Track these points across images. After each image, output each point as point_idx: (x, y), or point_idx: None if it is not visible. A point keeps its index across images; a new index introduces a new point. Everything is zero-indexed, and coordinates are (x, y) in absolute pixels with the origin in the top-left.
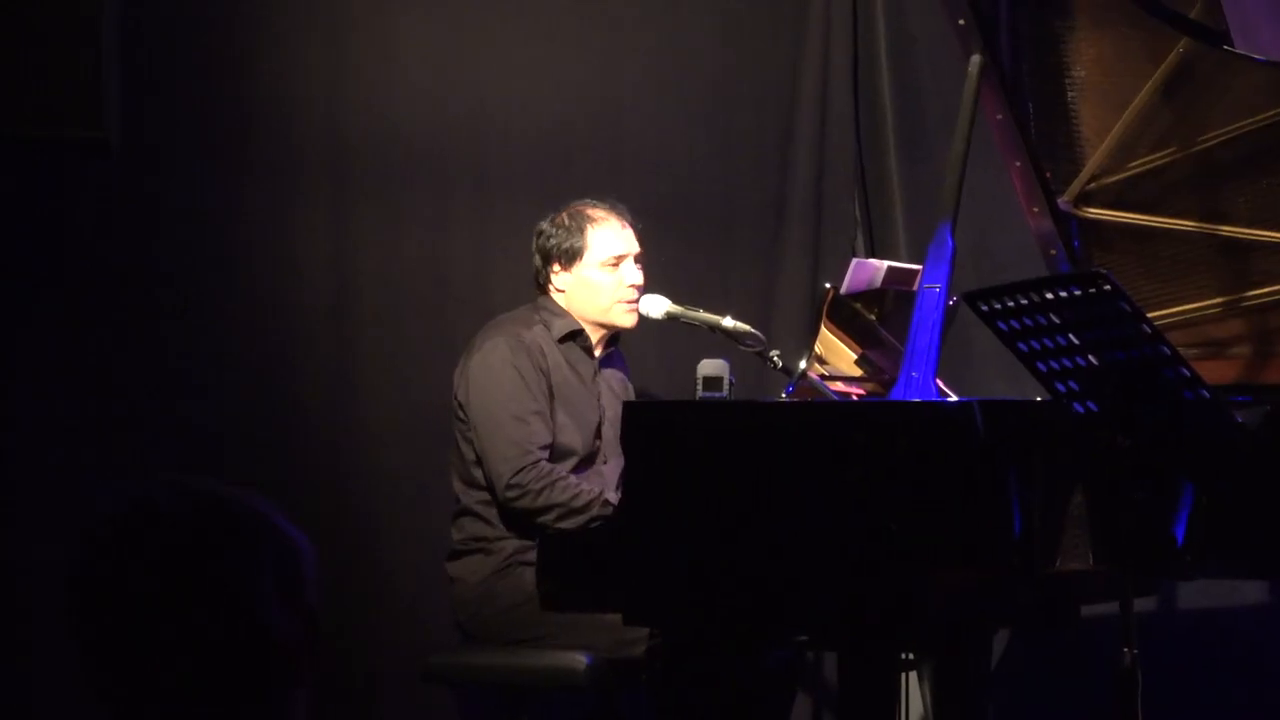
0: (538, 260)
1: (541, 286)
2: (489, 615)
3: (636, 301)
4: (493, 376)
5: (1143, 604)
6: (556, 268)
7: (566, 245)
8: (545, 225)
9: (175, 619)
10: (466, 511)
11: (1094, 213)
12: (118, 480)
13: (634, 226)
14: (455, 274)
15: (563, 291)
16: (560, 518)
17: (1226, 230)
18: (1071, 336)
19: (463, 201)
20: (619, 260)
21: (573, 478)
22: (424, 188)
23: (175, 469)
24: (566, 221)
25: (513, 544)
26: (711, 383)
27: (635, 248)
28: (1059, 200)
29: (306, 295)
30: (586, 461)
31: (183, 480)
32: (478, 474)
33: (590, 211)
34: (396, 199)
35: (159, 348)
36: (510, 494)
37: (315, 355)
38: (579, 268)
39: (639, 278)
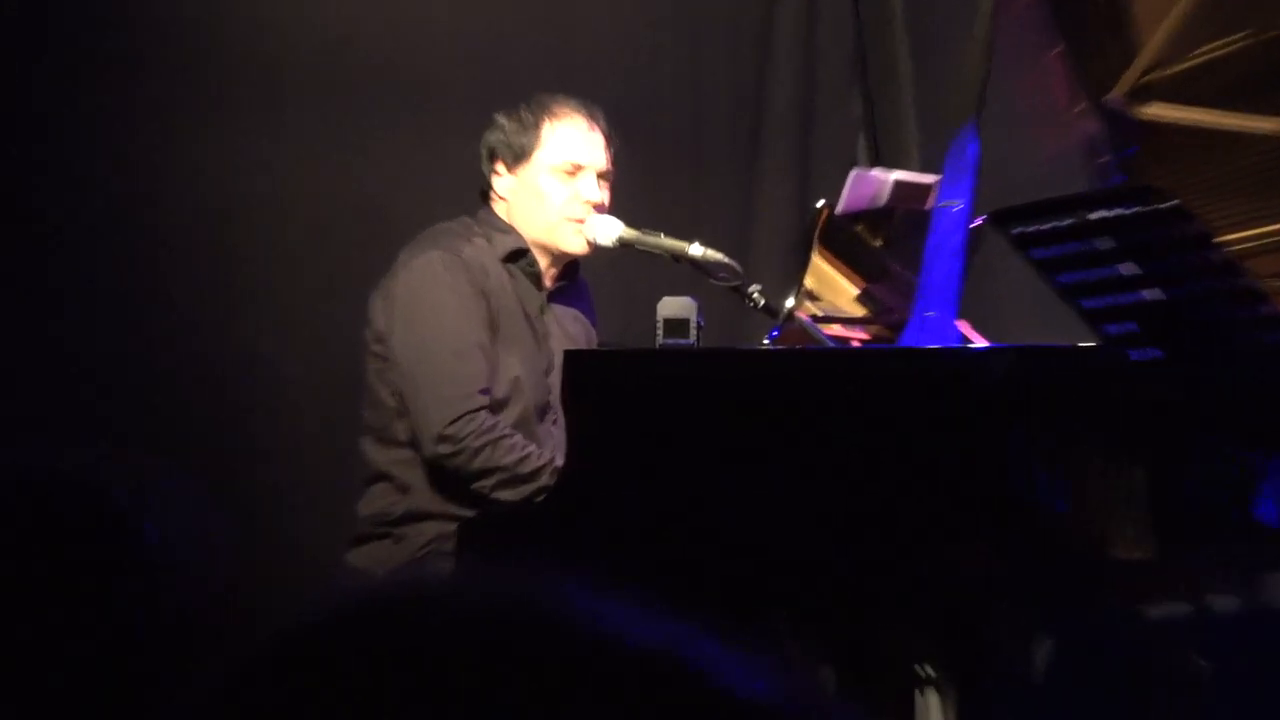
0: (483, 158)
1: (484, 194)
2: None
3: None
4: (424, 300)
5: (1219, 603)
6: (500, 168)
7: (515, 140)
8: (500, 115)
9: (24, 620)
10: (380, 477)
11: (1152, 112)
12: None
13: (606, 135)
14: (381, 201)
15: (505, 200)
16: (500, 485)
17: None
18: (1125, 266)
19: (387, 117)
20: (576, 169)
21: (519, 436)
22: (342, 98)
23: (46, 431)
24: (523, 112)
25: (431, 528)
26: (675, 326)
27: (601, 161)
28: (1107, 97)
29: (196, 223)
30: (534, 416)
31: (31, 465)
32: (399, 427)
33: (554, 104)
34: (308, 112)
35: (38, 292)
36: (442, 448)
37: (204, 293)
38: (526, 170)
39: (599, 195)
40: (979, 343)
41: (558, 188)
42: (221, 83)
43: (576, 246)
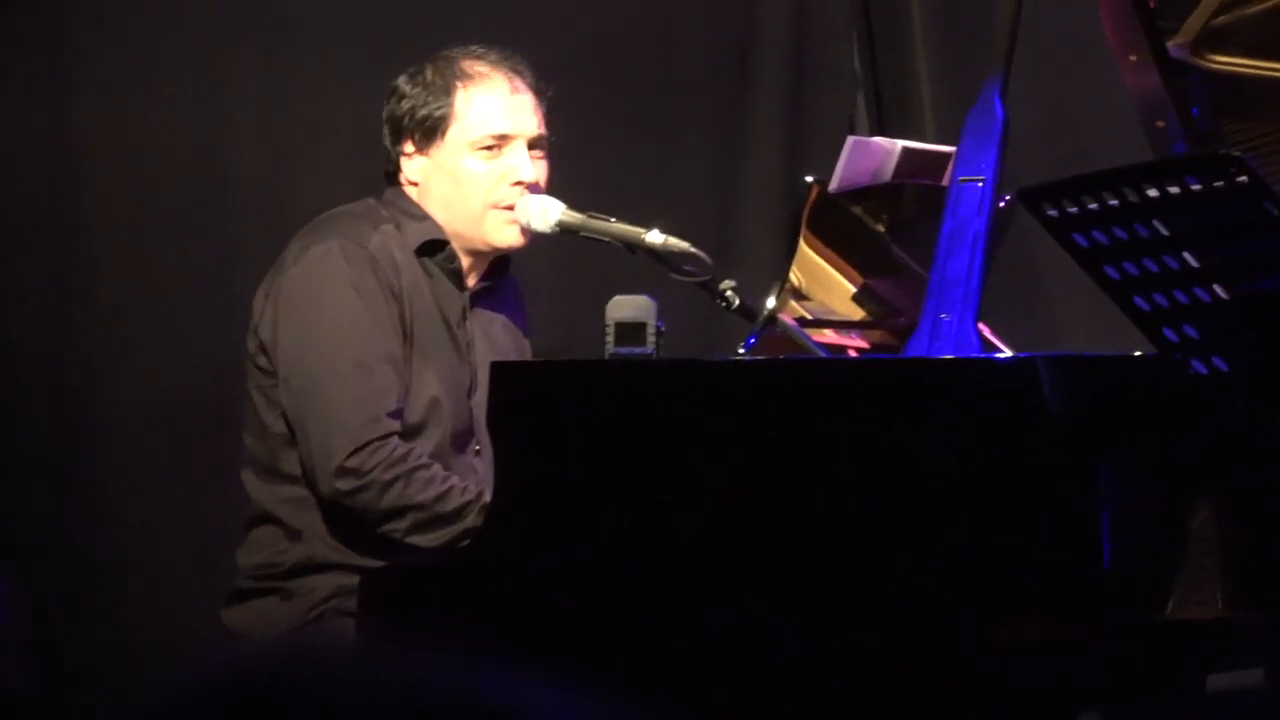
0: (386, 135)
1: (390, 175)
2: None
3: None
4: (320, 301)
5: None
6: (409, 147)
7: (424, 114)
8: (402, 81)
9: None
10: (264, 518)
11: (1225, 62)
12: None
13: (535, 91)
14: (266, 175)
15: (416, 184)
16: (416, 527)
17: None
18: (1189, 257)
19: (274, 64)
20: (501, 142)
21: (437, 467)
22: (219, 40)
23: None
24: (430, 77)
25: (327, 581)
26: (628, 331)
27: (530, 126)
28: (1171, 44)
29: (24, 196)
30: (452, 446)
31: None
32: (288, 458)
33: (466, 63)
34: (172, 57)
35: None
36: (343, 484)
37: (28, 291)
38: (440, 150)
39: (532, 172)
40: (1004, 352)
41: (482, 168)
42: (59, 13)
43: (509, 239)
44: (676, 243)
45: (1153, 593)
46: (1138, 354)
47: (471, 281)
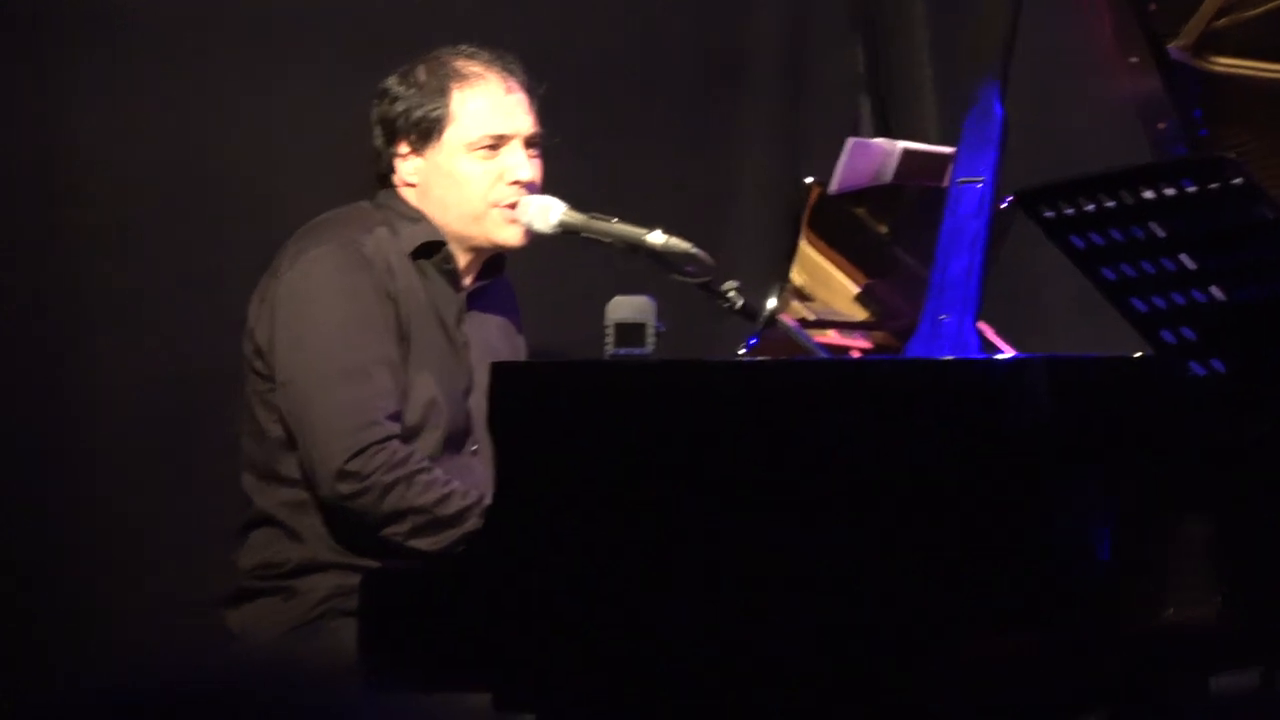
0: (379, 137)
1: (383, 177)
2: None
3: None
4: (316, 305)
5: None
6: (405, 148)
7: (420, 115)
8: (393, 83)
9: None
10: (263, 520)
11: (1225, 64)
12: None
13: (527, 90)
14: (258, 176)
15: (413, 185)
16: (417, 530)
17: None
18: (1186, 259)
19: (264, 64)
20: (499, 142)
21: (438, 471)
22: (205, 41)
23: None
24: (423, 78)
25: (327, 581)
26: (628, 332)
27: (526, 125)
28: (1171, 46)
29: (12, 198)
30: (449, 446)
31: None
32: (287, 460)
33: (459, 64)
34: (157, 58)
35: None
36: (344, 487)
37: (17, 296)
38: (436, 151)
39: (529, 171)
40: (1004, 352)
41: (480, 169)
42: (44, 20)
43: (511, 237)
44: (678, 243)
45: (1153, 596)
46: (1137, 355)
47: (467, 282)
